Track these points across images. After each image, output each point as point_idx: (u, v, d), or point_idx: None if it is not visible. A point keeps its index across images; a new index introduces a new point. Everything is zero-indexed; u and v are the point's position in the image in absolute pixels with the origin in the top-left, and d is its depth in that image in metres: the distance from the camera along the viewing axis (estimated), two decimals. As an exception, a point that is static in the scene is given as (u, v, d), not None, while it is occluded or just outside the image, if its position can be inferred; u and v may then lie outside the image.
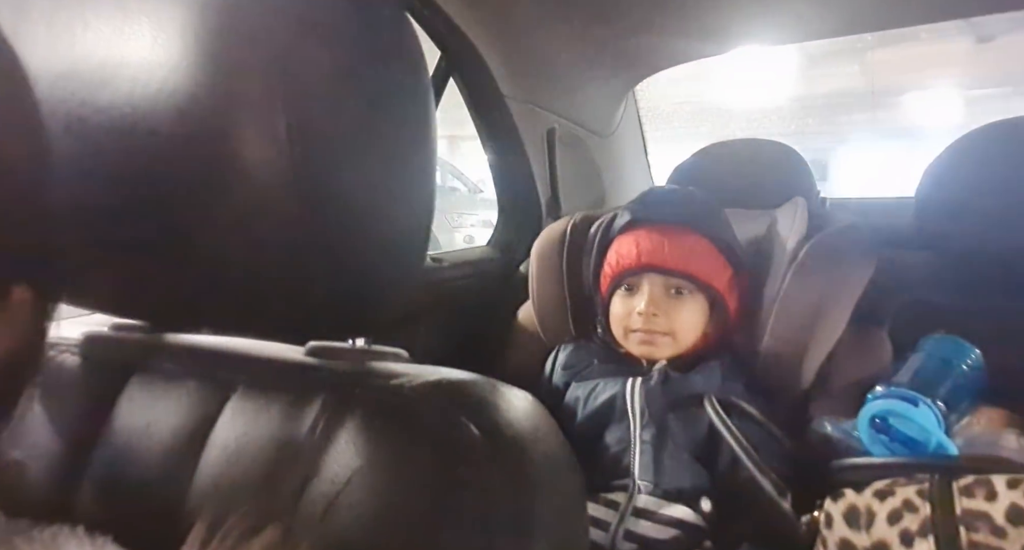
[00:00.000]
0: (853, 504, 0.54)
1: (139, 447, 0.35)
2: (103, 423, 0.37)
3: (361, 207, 0.28)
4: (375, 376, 0.34)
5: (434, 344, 1.11)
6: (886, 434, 0.70)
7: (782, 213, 0.94)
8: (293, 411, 0.32)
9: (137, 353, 0.40)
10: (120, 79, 0.25)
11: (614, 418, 0.81)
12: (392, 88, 0.29)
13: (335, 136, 0.26)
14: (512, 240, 1.30)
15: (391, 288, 0.33)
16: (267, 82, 0.24)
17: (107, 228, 0.29)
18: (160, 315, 0.38)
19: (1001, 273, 0.88)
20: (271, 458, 0.32)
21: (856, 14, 1.08)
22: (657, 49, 1.26)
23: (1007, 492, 0.48)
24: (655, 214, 0.85)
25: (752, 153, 1.25)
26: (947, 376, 0.75)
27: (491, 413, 0.32)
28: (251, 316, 0.32)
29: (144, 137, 0.25)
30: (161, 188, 0.26)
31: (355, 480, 0.29)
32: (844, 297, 0.82)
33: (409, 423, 0.31)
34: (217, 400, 0.35)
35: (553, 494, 0.32)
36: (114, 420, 0.37)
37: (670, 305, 0.83)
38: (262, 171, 0.25)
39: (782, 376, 0.83)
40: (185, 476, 0.33)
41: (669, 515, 0.73)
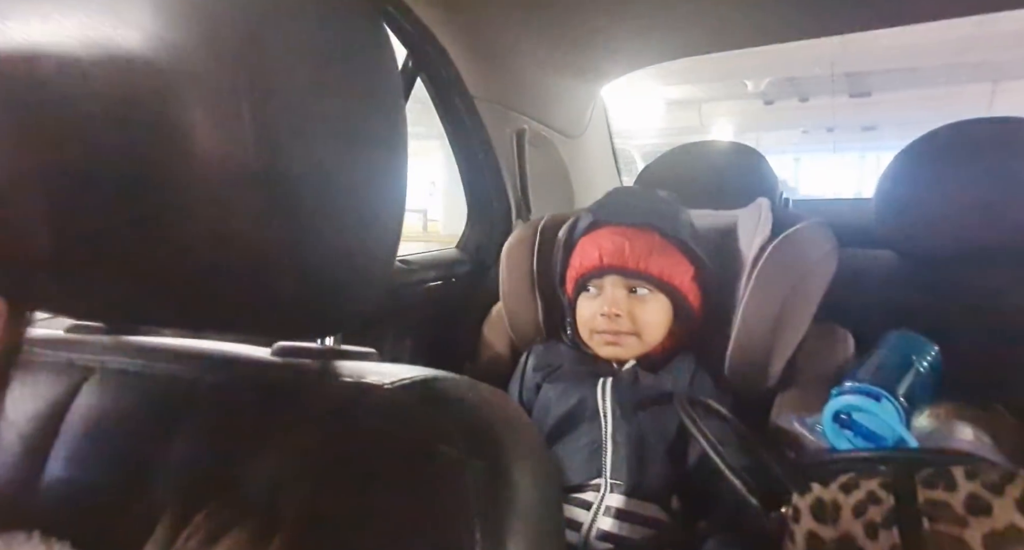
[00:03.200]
0: (820, 498, 0.55)
1: (98, 449, 0.34)
2: (58, 426, 0.36)
3: (330, 204, 0.28)
4: (346, 375, 0.33)
5: (403, 346, 1.10)
6: (850, 429, 0.72)
7: (747, 214, 0.95)
8: (262, 411, 0.32)
9: (94, 354, 0.39)
10: (76, 72, 0.24)
11: (586, 418, 0.82)
12: (362, 83, 0.29)
13: (302, 130, 0.26)
14: (482, 242, 1.30)
15: (362, 288, 0.32)
16: (230, 73, 0.24)
17: (59, 226, 0.28)
18: (117, 316, 0.37)
19: (957, 270, 0.91)
20: (239, 458, 0.31)
21: (819, 18, 1.10)
22: (626, 51, 1.27)
23: (966, 482, 0.49)
24: (616, 216, 0.85)
25: (717, 155, 1.27)
26: (907, 372, 0.77)
27: (467, 410, 0.32)
28: (214, 316, 0.31)
29: (101, 130, 0.24)
30: (118, 184, 0.25)
31: (328, 479, 0.29)
32: (808, 295, 0.84)
33: (384, 421, 0.31)
34: (181, 400, 0.34)
35: (531, 489, 0.32)
36: (70, 423, 0.36)
37: (633, 305, 0.84)
38: (225, 166, 0.24)
39: (749, 373, 0.84)
40: (147, 477, 0.32)
41: (641, 513, 0.74)
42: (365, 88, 0.29)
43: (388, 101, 0.30)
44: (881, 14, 1.11)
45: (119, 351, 0.39)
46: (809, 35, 1.20)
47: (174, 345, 0.39)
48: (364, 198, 0.30)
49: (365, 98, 0.29)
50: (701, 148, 1.30)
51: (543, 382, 0.89)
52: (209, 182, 0.24)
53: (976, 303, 0.87)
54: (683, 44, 1.26)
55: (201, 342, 0.39)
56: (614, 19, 1.09)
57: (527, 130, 1.27)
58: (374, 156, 0.30)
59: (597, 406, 0.81)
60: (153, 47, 0.23)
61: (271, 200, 0.25)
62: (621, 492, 0.75)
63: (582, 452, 0.79)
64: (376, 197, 0.30)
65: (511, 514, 0.30)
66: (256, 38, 0.24)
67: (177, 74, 0.23)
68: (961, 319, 0.84)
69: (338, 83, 0.27)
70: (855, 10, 1.07)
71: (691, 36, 1.20)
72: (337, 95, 0.27)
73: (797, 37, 1.22)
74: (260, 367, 0.36)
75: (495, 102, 1.20)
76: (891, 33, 4.03)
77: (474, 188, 1.29)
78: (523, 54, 1.19)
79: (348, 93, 0.28)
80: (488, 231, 1.30)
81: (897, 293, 0.97)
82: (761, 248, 0.87)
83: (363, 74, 0.29)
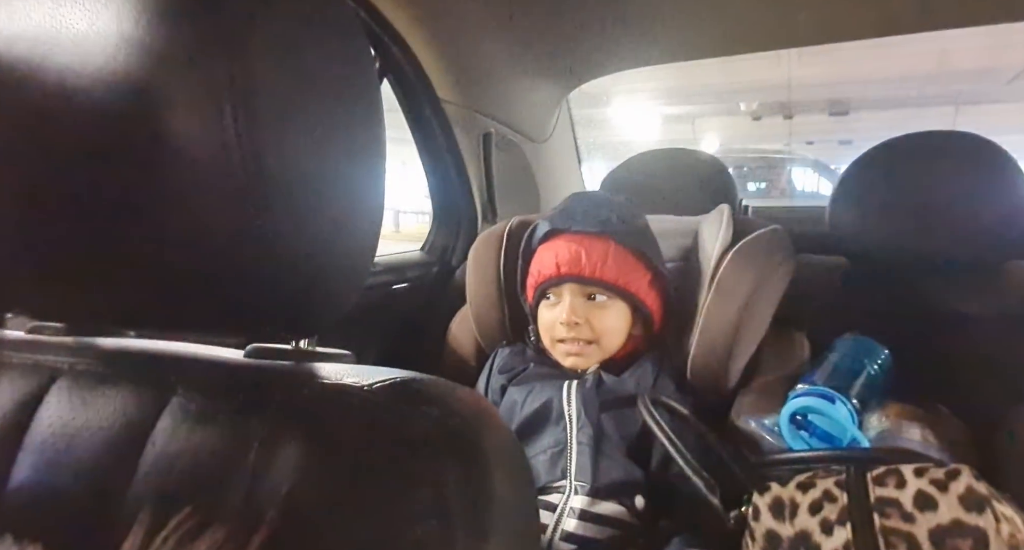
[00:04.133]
0: (778, 496, 0.57)
1: (68, 452, 0.33)
2: (25, 428, 0.35)
3: (309, 205, 0.28)
4: (323, 376, 0.33)
5: (369, 348, 1.09)
6: (806, 430, 0.74)
7: (709, 220, 0.97)
8: (239, 413, 0.31)
9: (60, 356, 0.38)
10: (51, 67, 0.23)
11: (551, 420, 0.82)
12: (341, 85, 0.29)
13: (282, 132, 0.26)
14: (448, 244, 1.29)
15: (339, 289, 0.32)
16: (211, 74, 0.23)
17: (25, 226, 0.27)
18: (84, 317, 0.36)
19: (906, 277, 0.95)
20: (216, 460, 0.30)
21: (781, 30, 1.13)
22: (593, 57, 1.29)
23: (914, 480, 0.52)
24: (572, 223, 0.86)
25: (680, 162, 1.30)
26: (860, 374, 0.80)
27: (442, 409, 0.32)
28: (188, 317, 0.31)
29: (75, 127, 0.24)
30: (90, 183, 0.25)
31: (307, 479, 0.29)
32: (766, 300, 0.86)
33: (361, 422, 0.31)
34: (154, 403, 0.33)
35: (506, 486, 0.32)
36: (38, 425, 0.35)
37: (591, 313, 0.85)
38: (204, 166, 0.24)
39: (711, 375, 0.86)
40: (121, 480, 0.31)
41: (605, 514, 0.75)
42: (345, 91, 0.29)
43: (367, 103, 0.31)
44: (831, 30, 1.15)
45: (87, 353, 0.37)
46: (769, 47, 1.24)
47: (145, 347, 0.38)
48: (343, 199, 0.30)
49: (344, 100, 0.29)
50: (665, 155, 1.32)
51: (508, 384, 0.90)
52: (187, 182, 0.24)
53: (924, 308, 0.91)
54: (648, 53, 1.28)
55: (171, 344, 0.38)
56: (580, 27, 1.11)
57: (494, 133, 1.28)
58: (353, 157, 0.30)
59: (562, 408, 0.82)
60: (131, 46, 0.23)
61: (249, 201, 0.25)
62: (585, 493, 0.75)
63: (547, 454, 0.80)
64: (355, 198, 0.31)
65: (490, 511, 0.30)
66: (238, 38, 0.24)
67: (157, 73, 0.23)
68: (910, 324, 0.88)
69: (318, 85, 0.28)
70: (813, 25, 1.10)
71: (656, 45, 1.22)
72: (317, 97, 0.27)
73: (762, 48, 1.25)
74: (234, 369, 0.35)
75: (462, 105, 1.20)
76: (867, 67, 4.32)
77: (440, 190, 1.29)
78: (490, 58, 1.19)
79: (328, 95, 0.28)
80: (454, 233, 1.30)
81: (850, 298, 1.00)
82: (722, 254, 0.89)
83: (343, 77, 0.29)
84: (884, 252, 0.95)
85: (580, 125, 1.61)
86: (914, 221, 0.90)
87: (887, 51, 5.44)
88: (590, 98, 6.75)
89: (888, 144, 0.96)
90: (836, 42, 1.24)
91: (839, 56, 5.64)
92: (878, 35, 1.14)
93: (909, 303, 0.93)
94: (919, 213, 0.90)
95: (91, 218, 0.26)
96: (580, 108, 4.22)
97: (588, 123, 7.39)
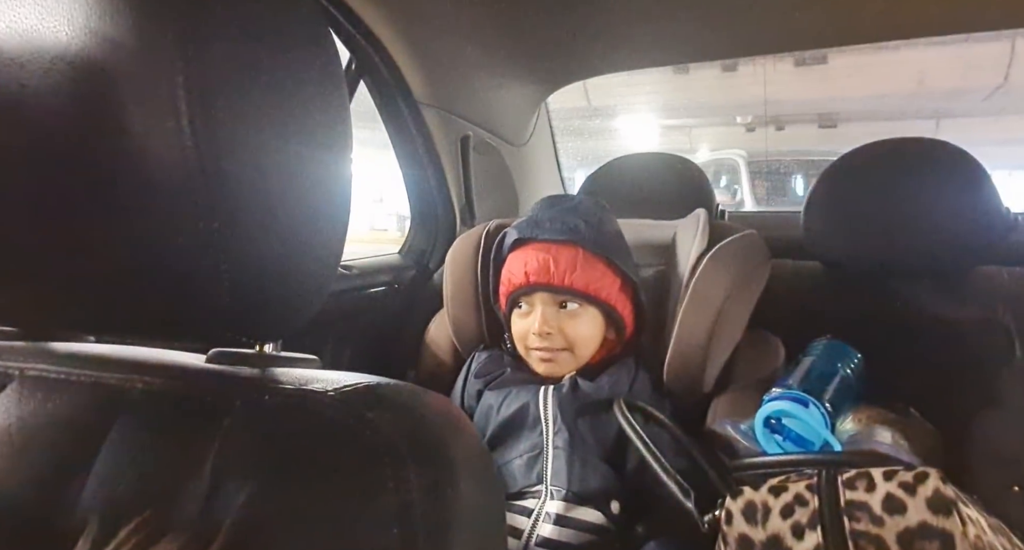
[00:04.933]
0: (751, 500, 0.57)
1: (18, 459, 0.32)
2: None
3: (270, 206, 0.27)
4: (286, 382, 0.33)
5: (344, 353, 1.08)
6: (780, 433, 0.75)
7: (685, 224, 0.98)
8: (196, 419, 0.30)
9: (11, 361, 0.36)
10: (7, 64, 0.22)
11: (527, 425, 0.82)
12: (304, 84, 0.28)
13: (241, 130, 0.25)
14: (425, 248, 1.29)
15: (304, 293, 0.31)
16: (166, 70, 0.23)
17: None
18: (38, 320, 0.35)
19: (878, 281, 0.96)
20: (172, 468, 0.29)
21: (758, 37, 1.14)
22: (571, 61, 1.29)
23: (884, 483, 0.52)
24: (540, 232, 0.86)
25: (658, 166, 1.30)
26: (833, 378, 0.80)
27: (408, 415, 0.32)
28: (146, 321, 0.30)
29: (26, 126, 0.23)
30: (43, 181, 0.24)
31: (265, 487, 0.28)
32: (742, 304, 0.87)
33: (324, 427, 0.30)
34: (108, 409, 0.32)
35: (473, 494, 0.32)
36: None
37: (563, 321, 0.85)
38: (159, 164, 0.23)
39: (687, 379, 0.86)
40: (71, 489, 0.30)
41: (580, 519, 0.74)
42: (308, 89, 0.28)
43: (332, 102, 0.30)
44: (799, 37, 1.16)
45: (40, 357, 0.36)
46: (747, 53, 1.25)
47: (100, 351, 0.37)
48: (306, 201, 0.29)
49: (308, 99, 0.28)
50: (642, 159, 1.33)
51: (484, 389, 0.89)
52: (141, 181, 0.23)
53: (896, 313, 0.92)
54: (625, 57, 1.29)
55: (129, 348, 0.37)
56: (557, 32, 1.11)
57: (472, 137, 1.27)
58: (317, 158, 0.29)
59: (539, 413, 0.82)
60: (84, 41, 0.22)
61: (207, 200, 0.24)
62: (561, 498, 0.75)
63: (523, 458, 0.79)
64: (319, 200, 0.30)
65: (455, 520, 0.30)
66: (193, 33, 0.23)
67: (110, 69, 0.22)
68: (882, 328, 0.89)
69: (279, 83, 0.27)
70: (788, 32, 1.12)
71: (632, 51, 1.23)
72: (279, 95, 0.27)
73: (739, 54, 1.26)
74: (194, 374, 0.34)
75: (440, 108, 1.19)
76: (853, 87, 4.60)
77: (418, 193, 1.28)
78: (468, 62, 1.19)
79: (290, 94, 0.27)
80: (432, 237, 1.29)
81: (824, 303, 1.01)
82: (698, 258, 0.89)
83: (306, 75, 0.28)
84: (857, 257, 0.96)
85: (585, 135, 1.63)
86: (885, 227, 0.91)
87: (871, 72, 5.79)
88: (595, 111, 7.23)
89: (860, 151, 0.97)
90: (804, 50, 1.26)
91: (828, 74, 6.08)
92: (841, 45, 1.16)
93: (882, 307, 0.94)
94: (890, 219, 0.91)
95: (45, 220, 0.25)
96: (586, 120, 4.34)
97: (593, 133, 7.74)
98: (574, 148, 1.95)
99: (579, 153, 2.45)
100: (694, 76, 6.66)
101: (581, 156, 2.56)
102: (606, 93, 6.87)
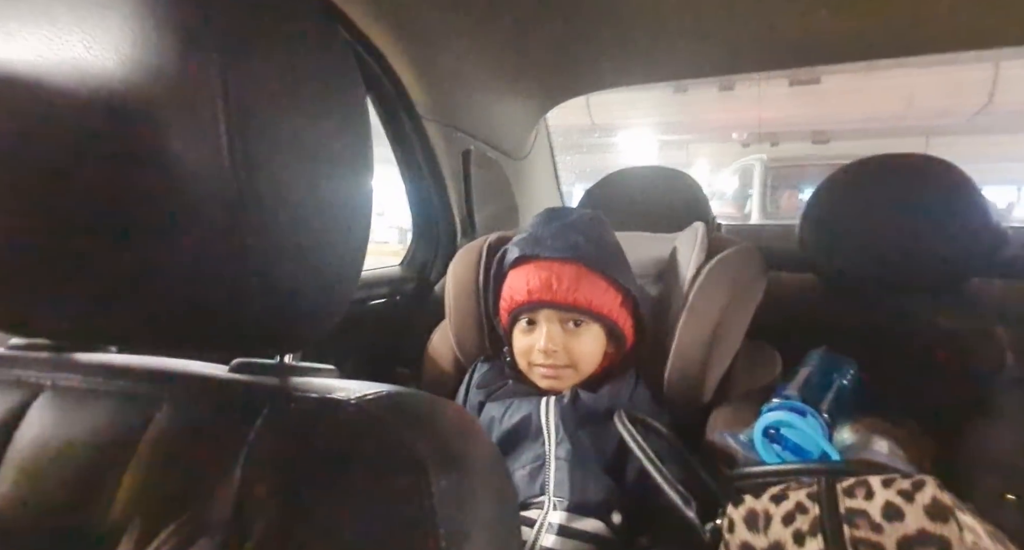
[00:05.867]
0: (752, 508, 0.58)
1: (51, 468, 0.33)
2: (6, 445, 0.34)
3: (300, 223, 0.28)
4: (309, 390, 0.34)
5: (346, 364, 1.09)
6: (778, 443, 0.76)
7: (684, 237, 0.99)
8: (225, 428, 0.31)
9: (43, 372, 0.37)
10: (48, 89, 0.24)
11: (529, 436, 0.83)
12: (331, 105, 0.30)
13: (276, 151, 0.26)
14: (427, 260, 1.30)
15: (326, 305, 0.32)
16: (207, 94, 0.24)
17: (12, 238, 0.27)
18: (72, 334, 0.36)
19: (873, 293, 0.98)
20: (203, 473, 0.30)
21: (757, 55, 1.17)
22: (570, 77, 1.31)
23: (882, 491, 0.53)
24: (541, 249, 0.86)
25: (656, 180, 1.32)
26: (830, 389, 0.82)
27: (427, 423, 0.33)
28: (172, 333, 0.31)
29: (69, 148, 0.24)
30: (83, 202, 0.25)
31: (294, 492, 0.29)
32: (740, 315, 0.88)
33: (348, 435, 0.31)
34: (140, 418, 0.33)
35: (490, 501, 0.32)
36: (19, 442, 0.34)
37: (568, 339, 0.86)
38: (199, 185, 0.24)
39: (686, 390, 0.87)
40: (105, 496, 0.31)
41: (583, 530, 0.75)
42: (334, 110, 0.30)
43: (355, 122, 0.31)
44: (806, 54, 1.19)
45: (70, 368, 0.37)
46: (745, 70, 1.27)
47: (128, 362, 0.38)
48: (332, 217, 0.30)
49: (334, 120, 0.30)
50: (641, 173, 1.35)
51: (486, 400, 0.90)
52: (181, 201, 0.25)
53: (890, 324, 0.94)
54: (623, 74, 1.31)
55: (155, 359, 0.38)
56: (556, 48, 1.13)
57: (473, 151, 1.29)
58: (343, 176, 0.30)
59: (540, 424, 0.83)
60: (127, 68, 0.23)
61: (243, 219, 0.26)
62: (564, 509, 0.76)
63: (525, 470, 0.80)
64: (344, 216, 0.31)
65: (474, 526, 0.31)
66: (233, 63, 0.25)
67: (153, 95, 0.24)
68: (877, 339, 0.91)
69: (310, 106, 0.28)
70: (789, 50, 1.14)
71: (632, 66, 1.25)
72: (309, 117, 0.28)
73: (737, 71, 1.28)
74: (220, 383, 0.35)
75: (442, 122, 1.21)
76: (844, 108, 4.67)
77: (420, 206, 1.29)
78: (469, 77, 1.21)
79: (319, 115, 0.29)
80: (434, 249, 1.30)
81: (819, 314, 1.03)
82: (697, 270, 0.91)
83: (333, 97, 0.30)
84: (851, 270, 0.98)
85: (587, 150, 1.65)
86: (879, 240, 0.93)
87: (862, 92, 5.97)
88: (597, 128, 7.54)
89: (854, 166, 0.99)
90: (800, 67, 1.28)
91: (821, 94, 6.29)
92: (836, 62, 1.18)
93: (877, 319, 0.95)
94: (883, 233, 0.93)
95: (81, 237, 0.26)
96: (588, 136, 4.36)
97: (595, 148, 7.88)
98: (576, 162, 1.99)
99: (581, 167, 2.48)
100: (692, 95, 6.85)
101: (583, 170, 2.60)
102: (608, 111, 7.03)
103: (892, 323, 0.94)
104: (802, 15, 0.97)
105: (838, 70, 5.77)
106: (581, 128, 7.20)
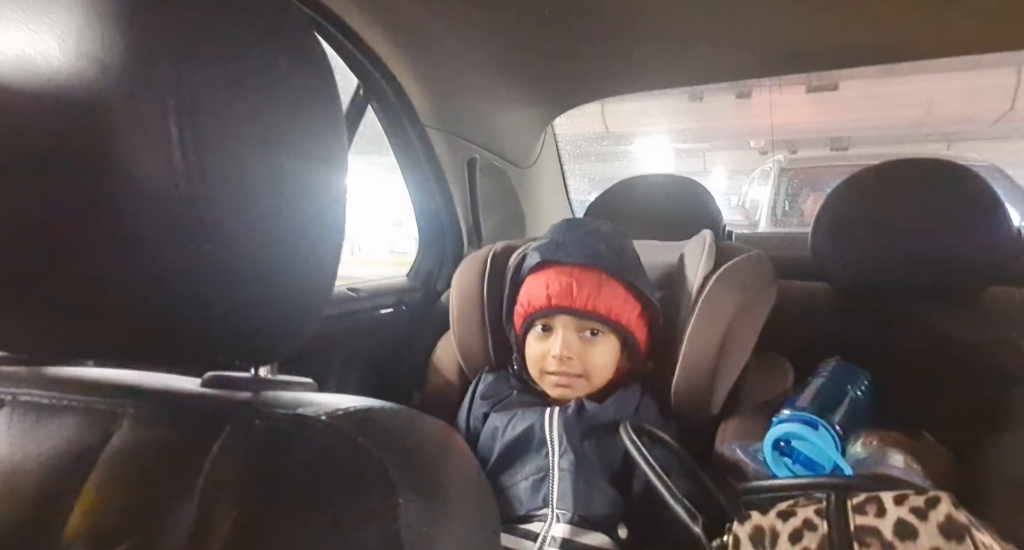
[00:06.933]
0: (759, 525, 0.56)
1: (6, 486, 0.32)
2: None
3: (263, 229, 0.27)
4: (279, 406, 0.32)
5: (351, 374, 1.08)
6: (789, 456, 0.74)
7: (692, 245, 0.98)
8: (187, 444, 0.30)
9: (4, 386, 0.36)
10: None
11: (532, 447, 0.81)
12: (298, 106, 0.28)
13: (234, 153, 0.25)
14: (433, 270, 1.29)
15: (297, 316, 0.31)
16: (157, 93, 0.23)
17: None
18: (35, 347, 0.35)
19: (887, 303, 0.95)
20: (160, 495, 0.29)
21: (770, 59, 1.15)
22: (576, 84, 1.30)
23: (895, 508, 0.51)
24: (563, 255, 0.86)
25: (665, 187, 1.31)
26: (843, 400, 0.79)
27: (401, 441, 0.31)
28: (140, 345, 0.30)
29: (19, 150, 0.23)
30: (36, 209, 0.24)
31: (257, 515, 0.27)
32: (750, 325, 0.86)
33: (313, 453, 0.29)
34: (98, 435, 0.31)
35: (467, 524, 0.31)
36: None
37: (584, 348, 0.84)
38: (152, 188, 0.23)
39: (694, 401, 0.85)
40: (59, 515, 0.30)
41: (587, 543, 0.73)
42: (299, 101, 0.29)
43: (324, 112, 0.30)
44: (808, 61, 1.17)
45: (32, 383, 0.36)
46: (755, 75, 1.26)
47: (95, 375, 0.37)
48: (300, 223, 0.29)
49: (299, 111, 0.28)
50: (649, 181, 1.34)
51: (490, 411, 0.89)
52: (133, 205, 0.24)
53: (906, 334, 0.91)
54: (631, 80, 1.30)
55: (124, 372, 0.37)
56: (562, 56, 1.12)
57: (478, 159, 1.28)
58: (310, 177, 0.29)
59: (544, 435, 0.81)
60: (75, 65, 0.23)
61: (200, 224, 0.25)
62: (567, 521, 0.74)
63: (528, 481, 0.79)
64: (312, 219, 0.30)
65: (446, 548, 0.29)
66: (185, 57, 0.24)
67: (102, 93, 0.23)
68: (892, 350, 0.88)
69: (272, 106, 0.27)
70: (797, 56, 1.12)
71: (639, 72, 1.24)
72: (271, 118, 0.27)
73: (747, 76, 1.27)
74: (187, 398, 0.34)
75: (447, 131, 1.21)
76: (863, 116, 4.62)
77: (425, 216, 1.29)
78: (474, 85, 1.20)
79: (284, 116, 0.28)
80: (439, 259, 1.29)
81: (832, 324, 1.00)
82: (705, 278, 0.89)
83: (300, 97, 0.29)
84: (865, 278, 0.95)
85: (602, 158, 1.64)
86: (894, 247, 0.90)
87: (880, 99, 5.93)
88: (612, 136, 7.58)
89: (868, 171, 0.97)
90: (815, 71, 1.26)
91: (839, 101, 6.31)
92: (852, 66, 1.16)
93: (891, 329, 0.93)
94: (898, 239, 0.90)
95: (36, 245, 0.26)
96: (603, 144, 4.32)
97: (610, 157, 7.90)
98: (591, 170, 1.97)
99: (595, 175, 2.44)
100: (708, 103, 6.85)
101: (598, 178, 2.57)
102: (623, 119, 7.04)
103: (907, 333, 0.91)
104: (817, 17, 0.95)
105: (856, 75, 5.74)
106: (595, 136, 7.24)
